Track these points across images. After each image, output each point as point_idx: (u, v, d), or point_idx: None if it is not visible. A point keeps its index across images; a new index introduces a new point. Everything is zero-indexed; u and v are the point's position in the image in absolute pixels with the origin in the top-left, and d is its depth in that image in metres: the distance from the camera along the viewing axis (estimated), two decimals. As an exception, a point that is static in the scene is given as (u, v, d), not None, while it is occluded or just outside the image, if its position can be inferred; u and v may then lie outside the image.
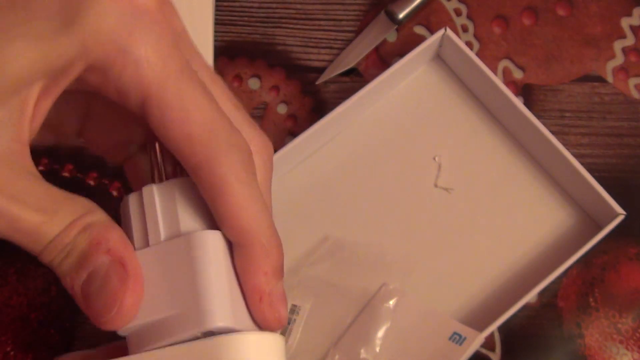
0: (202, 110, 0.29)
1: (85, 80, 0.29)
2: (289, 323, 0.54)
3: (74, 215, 0.28)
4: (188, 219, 0.30)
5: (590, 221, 0.57)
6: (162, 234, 0.30)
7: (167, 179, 0.32)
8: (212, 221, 0.31)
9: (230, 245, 0.31)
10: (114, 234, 0.29)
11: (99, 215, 0.29)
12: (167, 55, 0.29)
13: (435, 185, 0.57)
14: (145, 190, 0.31)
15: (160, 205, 0.31)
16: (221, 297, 0.29)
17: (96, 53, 0.28)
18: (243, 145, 0.30)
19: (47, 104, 0.29)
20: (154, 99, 0.29)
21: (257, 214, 0.30)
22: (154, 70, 0.28)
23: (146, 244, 0.30)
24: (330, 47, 0.60)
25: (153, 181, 0.32)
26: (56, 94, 0.29)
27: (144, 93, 0.29)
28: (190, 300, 0.28)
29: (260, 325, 0.31)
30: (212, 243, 0.30)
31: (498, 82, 0.55)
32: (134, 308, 0.28)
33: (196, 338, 0.29)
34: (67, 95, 0.31)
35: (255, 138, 0.33)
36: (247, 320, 0.30)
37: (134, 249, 0.30)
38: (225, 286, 0.29)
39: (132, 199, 0.31)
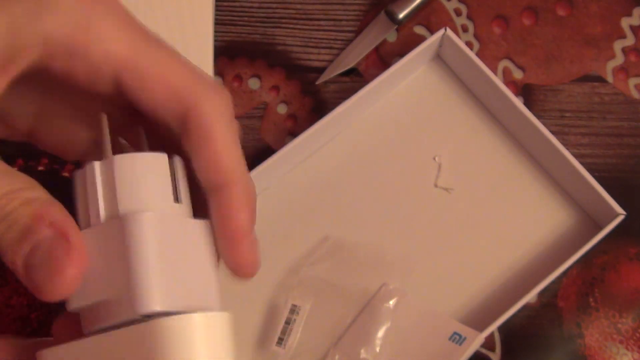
0: (178, 65, 0.30)
1: (48, 69, 0.29)
2: (288, 323, 0.54)
3: (12, 186, 0.28)
4: (127, 199, 0.29)
5: (590, 221, 0.57)
6: (102, 215, 0.29)
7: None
8: (153, 199, 0.30)
9: (173, 226, 0.30)
10: (56, 208, 0.29)
11: (40, 192, 0.29)
12: (129, 25, 0.30)
13: (435, 185, 0.57)
14: (88, 167, 0.30)
15: (101, 184, 0.30)
16: (155, 280, 0.28)
17: (58, 36, 0.28)
18: (224, 91, 0.31)
19: None
20: (129, 67, 0.29)
21: (240, 155, 0.31)
22: (122, 42, 0.29)
23: (88, 224, 0.30)
24: (330, 47, 0.60)
25: (97, 158, 0.31)
26: (8, 78, 0.29)
27: (116, 66, 0.29)
28: (124, 284, 0.28)
29: (237, 270, 0.31)
30: (148, 224, 0.28)
31: (498, 82, 0.55)
32: (77, 279, 0.28)
33: (137, 321, 0.28)
34: (23, 89, 0.31)
35: (216, 84, 0.33)
36: (193, 301, 0.30)
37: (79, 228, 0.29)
38: (161, 268, 0.28)
39: (77, 177, 0.31)
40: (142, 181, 0.30)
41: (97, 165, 0.30)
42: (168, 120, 0.30)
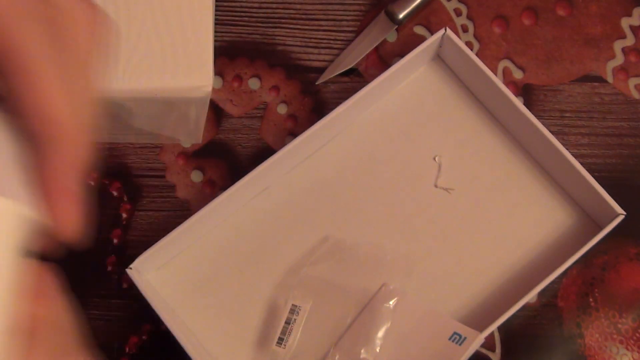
0: None
1: None
2: (288, 323, 0.54)
3: None
4: None
5: (590, 221, 0.57)
6: None
7: None
8: None
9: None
10: None
11: None
12: None
13: (436, 186, 0.57)
14: None
15: None
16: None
17: None
18: (52, 15, 0.25)
19: None
20: None
21: (64, 101, 0.25)
22: None
23: None
24: (330, 47, 0.60)
25: None
26: None
27: None
28: None
29: (57, 224, 0.27)
30: None
31: (498, 82, 0.55)
32: None
33: None
34: None
35: (75, 6, 0.27)
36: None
37: None
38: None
39: None
40: None
41: None
42: None
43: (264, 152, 0.58)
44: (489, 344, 0.56)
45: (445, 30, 0.55)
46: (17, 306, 0.25)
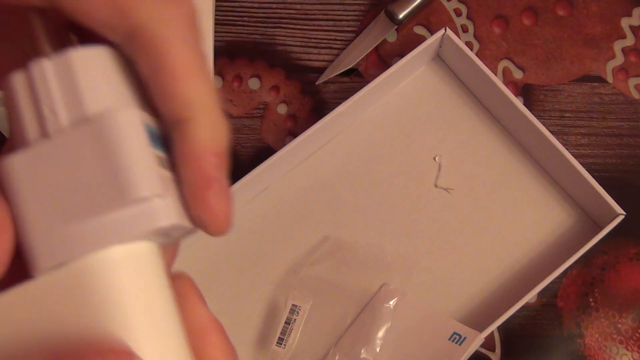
0: None
1: None
2: (288, 323, 0.54)
3: None
4: (94, 97, 0.24)
5: (590, 221, 0.57)
6: (63, 119, 0.24)
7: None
8: (125, 97, 0.25)
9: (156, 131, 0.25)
10: None
11: None
12: None
13: (435, 185, 0.57)
14: (34, 65, 0.24)
15: (55, 83, 0.24)
16: (150, 173, 0.24)
17: None
18: (187, 1, 0.25)
19: None
20: None
21: (205, 82, 0.25)
22: None
23: (43, 133, 0.24)
24: (330, 47, 0.60)
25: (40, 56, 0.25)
26: None
27: None
28: (113, 184, 0.23)
29: (204, 221, 0.25)
30: (130, 122, 0.24)
31: (498, 82, 0.55)
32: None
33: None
34: None
35: None
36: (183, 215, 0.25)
37: (28, 141, 0.24)
38: (154, 169, 0.24)
39: (16, 80, 0.24)
40: (106, 76, 0.25)
41: (46, 61, 0.24)
42: (114, 40, 0.25)
43: (264, 152, 0.58)
44: (489, 344, 0.56)
45: (445, 30, 0.55)
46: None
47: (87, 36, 0.26)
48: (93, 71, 0.24)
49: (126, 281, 0.23)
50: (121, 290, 0.23)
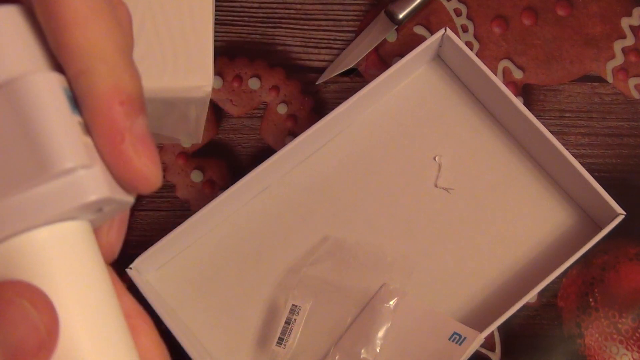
0: None
1: None
2: (288, 323, 0.54)
3: None
4: (5, 61, 0.22)
5: (590, 221, 0.57)
6: None
7: None
8: (40, 60, 0.23)
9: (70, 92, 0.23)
10: None
11: None
12: None
13: (436, 185, 0.57)
14: None
15: None
16: (73, 142, 0.21)
17: None
18: None
19: None
20: None
21: (101, 28, 0.23)
22: None
23: None
24: (330, 47, 0.60)
25: None
26: None
27: None
28: (31, 150, 0.21)
29: (128, 180, 0.23)
30: (47, 86, 0.22)
31: (498, 82, 0.55)
32: None
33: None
34: None
35: None
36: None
37: None
38: (77, 137, 0.22)
39: None
40: (21, 33, 0.23)
41: None
42: None
43: (264, 152, 0.58)
44: (489, 343, 0.56)
45: (445, 30, 0.55)
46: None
47: None
48: (3, 33, 0.22)
49: (54, 267, 0.21)
50: (49, 276, 0.21)
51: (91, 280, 0.22)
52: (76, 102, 0.23)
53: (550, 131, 0.54)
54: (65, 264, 0.22)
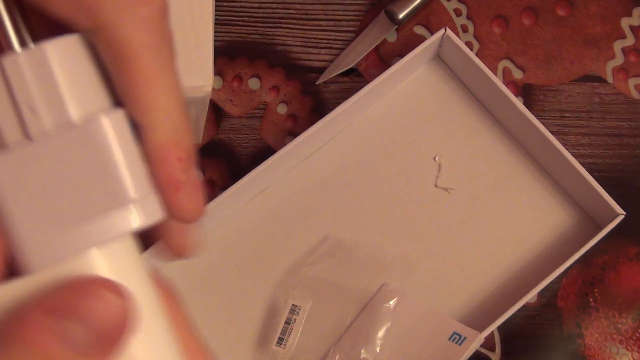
0: None
1: None
2: (288, 323, 0.54)
3: None
4: (75, 95, 0.23)
5: (590, 221, 0.57)
6: (47, 122, 0.23)
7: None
8: (103, 91, 0.25)
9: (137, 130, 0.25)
10: None
11: None
12: None
13: (436, 185, 0.57)
14: (6, 61, 0.23)
15: (33, 79, 0.23)
16: (139, 177, 0.24)
17: None
18: (144, 3, 0.24)
19: None
20: None
21: (166, 87, 0.25)
22: None
23: (26, 136, 0.23)
24: (330, 47, 0.60)
25: (11, 48, 0.23)
26: None
27: None
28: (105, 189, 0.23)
29: (179, 217, 0.26)
30: (117, 126, 0.24)
31: (498, 82, 0.55)
32: None
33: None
34: None
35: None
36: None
37: (6, 141, 0.23)
38: (142, 169, 0.25)
39: None
40: (86, 71, 0.24)
41: (21, 56, 0.23)
42: (78, 30, 0.24)
43: (264, 152, 0.58)
44: (488, 343, 0.56)
45: (445, 30, 0.55)
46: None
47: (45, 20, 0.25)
48: (69, 64, 0.24)
49: (118, 274, 0.24)
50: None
51: (145, 296, 0.25)
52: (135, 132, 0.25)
53: (550, 131, 0.54)
54: (124, 280, 0.24)
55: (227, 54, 0.60)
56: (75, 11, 0.24)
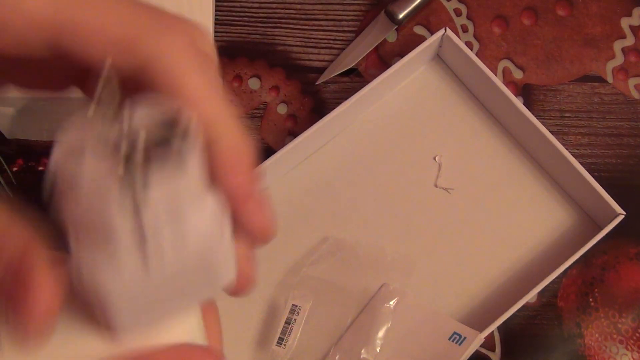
0: (123, 7, 0.24)
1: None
2: (288, 323, 0.54)
3: None
4: (195, 221, 0.23)
5: (590, 221, 0.57)
6: (169, 255, 0.22)
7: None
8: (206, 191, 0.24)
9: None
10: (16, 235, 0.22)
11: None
12: None
13: (436, 185, 0.57)
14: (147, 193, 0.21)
15: (163, 207, 0.21)
16: (232, 265, 0.28)
17: None
18: (187, 26, 0.25)
19: None
20: (58, 25, 0.24)
21: (220, 103, 0.25)
22: None
23: (144, 267, 0.22)
24: (330, 47, 0.60)
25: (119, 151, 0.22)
26: None
27: (43, 26, 0.24)
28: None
29: (253, 234, 0.27)
30: (229, 249, 0.26)
31: (498, 82, 0.55)
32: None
33: None
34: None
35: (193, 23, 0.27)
36: None
37: (123, 270, 0.22)
38: (234, 258, 0.28)
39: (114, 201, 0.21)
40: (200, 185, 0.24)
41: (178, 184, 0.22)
42: (126, 77, 0.24)
43: (264, 152, 0.58)
44: (488, 343, 0.56)
45: (445, 30, 0.55)
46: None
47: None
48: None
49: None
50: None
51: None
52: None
53: (550, 131, 0.54)
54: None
55: (227, 54, 0.60)
56: (119, 54, 0.24)
